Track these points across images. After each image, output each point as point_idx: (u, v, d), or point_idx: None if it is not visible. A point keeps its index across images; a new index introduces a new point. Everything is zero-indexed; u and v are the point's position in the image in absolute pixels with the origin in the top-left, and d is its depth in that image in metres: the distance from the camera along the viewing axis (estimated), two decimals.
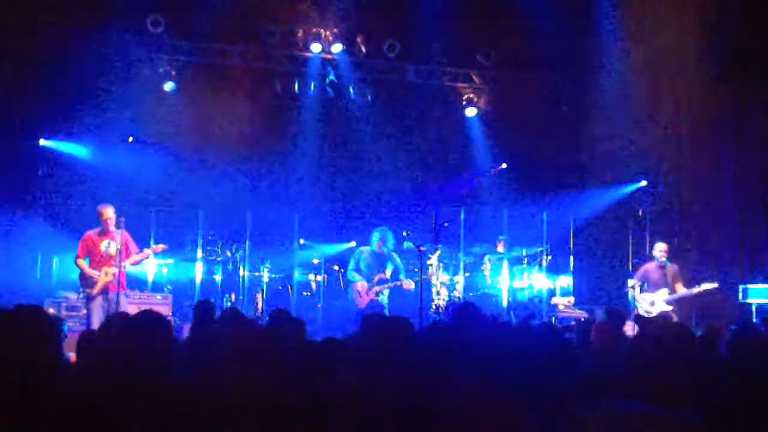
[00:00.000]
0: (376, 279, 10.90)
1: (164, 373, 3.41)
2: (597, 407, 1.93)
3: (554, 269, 12.60)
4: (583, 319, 10.59)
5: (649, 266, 11.03)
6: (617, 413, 1.88)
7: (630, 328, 8.85)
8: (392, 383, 3.60)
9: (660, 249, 10.96)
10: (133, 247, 9.47)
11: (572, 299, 12.22)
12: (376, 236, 11.05)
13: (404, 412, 3.32)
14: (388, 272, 10.99)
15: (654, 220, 13.61)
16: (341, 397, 3.50)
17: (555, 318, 11.62)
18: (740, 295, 11.68)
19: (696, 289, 10.58)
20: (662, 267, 10.80)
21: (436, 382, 3.53)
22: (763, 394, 3.42)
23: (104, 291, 9.12)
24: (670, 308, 10.48)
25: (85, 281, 9.22)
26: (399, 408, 3.35)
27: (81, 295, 9.85)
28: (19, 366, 3.17)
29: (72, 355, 5.01)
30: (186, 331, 7.81)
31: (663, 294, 10.59)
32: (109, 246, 9.20)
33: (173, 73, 12.88)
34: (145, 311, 3.81)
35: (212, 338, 5.73)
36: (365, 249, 11.16)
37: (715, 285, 10.57)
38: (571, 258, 12.93)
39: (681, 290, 10.62)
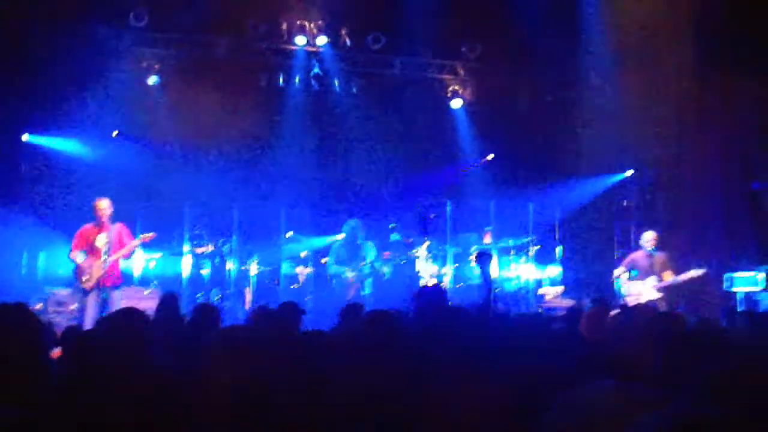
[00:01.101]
0: (361, 265, 11.05)
1: (142, 369, 3.41)
2: (582, 390, 1.93)
3: (542, 260, 12.63)
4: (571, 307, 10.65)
5: (637, 255, 11.07)
6: (596, 391, 1.88)
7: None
8: (378, 373, 3.60)
9: (647, 238, 10.99)
10: (128, 240, 9.45)
11: (561, 289, 12.25)
12: (347, 228, 11.21)
13: (389, 403, 3.31)
14: (369, 260, 11.12)
15: (639, 210, 13.67)
16: (329, 391, 3.49)
17: (541, 308, 11.65)
18: (726, 284, 11.74)
19: (683, 276, 10.59)
20: (650, 256, 10.83)
21: (422, 372, 3.54)
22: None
23: (98, 285, 9.08)
24: (659, 296, 10.48)
25: (80, 275, 9.17)
26: (384, 399, 3.34)
27: (72, 291, 9.82)
28: (4, 364, 3.13)
29: (56, 351, 4.95)
30: None
31: (651, 281, 10.62)
32: (102, 239, 9.16)
33: (156, 66, 12.82)
34: (125, 309, 3.86)
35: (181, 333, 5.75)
36: (339, 242, 11.37)
37: (702, 271, 10.58)
38: (558, 248, 12.96)
39: (669, 278, 10.65)
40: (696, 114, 12.72)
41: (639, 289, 10.66)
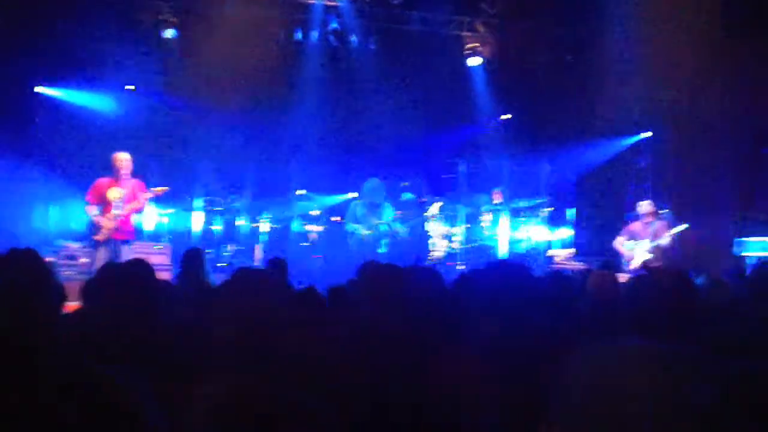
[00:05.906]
0: (376, 223, 11.10)
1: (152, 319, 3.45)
2: (599, 347, 1.86)
3: (555, 221, 12.56)
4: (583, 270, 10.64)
5: (635, 226, 10.95)
6: (618, 350, 1.82)
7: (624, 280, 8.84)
8: (392, 329, 3.61)
9: (643, 207, 10.88)
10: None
11: (572, 251, 12.20)
12: (368, 187, 11.19)
13: (403, 359, 3.31)
14: (386, 220, 11.16)
15: (655, 173, 13.52)
16: (340, 343, 3.51)
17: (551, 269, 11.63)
18: (736, 248, 11.64)
19: (667, 234, 10.45)
20: (647, 224, 10.74)
21: (438, 327, 3.55)
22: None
23: (109, 239, 9.19)
24: (650, 256, 10.40)
25: (92, 228, 9.29)
26: (398, 355, 3.34)
27: (84, 244, 9.93)
28: (11, 310, 3.16)
29: (70, 305, 5.00)
30: None
31: (644, 244, 10.54)
32: (117, 193, 9.25)
33: (173, 20, 12.70)
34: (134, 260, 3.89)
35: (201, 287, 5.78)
36: (359, 201, 11.34)
37: (685, 226, 10.43)
38: (572, 210, 12.88)
39: (664, 241, 10.52)
40: (715, 77, 12.47)
41: (632, 248, 10.58)
